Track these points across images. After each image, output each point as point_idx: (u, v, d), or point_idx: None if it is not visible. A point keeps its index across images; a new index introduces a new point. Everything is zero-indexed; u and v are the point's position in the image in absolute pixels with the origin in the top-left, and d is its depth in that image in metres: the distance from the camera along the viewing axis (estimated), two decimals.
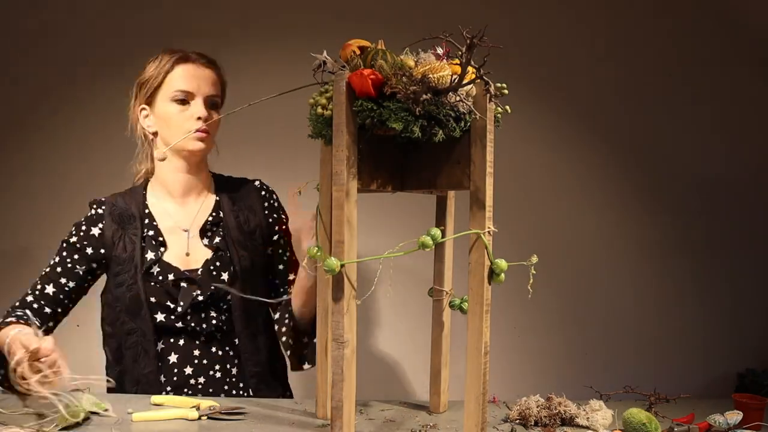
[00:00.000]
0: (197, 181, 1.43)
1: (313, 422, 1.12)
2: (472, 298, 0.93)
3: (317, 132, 0.99)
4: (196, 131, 1.33)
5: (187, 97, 1.36)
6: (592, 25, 2.37)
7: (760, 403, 1.15)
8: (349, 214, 0.89)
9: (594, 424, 1.10)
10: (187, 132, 1.33)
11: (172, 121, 1.36)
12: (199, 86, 1.36)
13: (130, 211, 1.39)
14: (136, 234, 1.37)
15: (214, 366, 1.37)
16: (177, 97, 1.35)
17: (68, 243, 1.40)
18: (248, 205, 1.46)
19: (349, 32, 1.02)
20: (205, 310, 1.36)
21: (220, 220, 1.42)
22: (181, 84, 1.36)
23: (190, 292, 1.34)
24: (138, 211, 1.40)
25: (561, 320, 2.37)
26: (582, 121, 2.39)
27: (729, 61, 2.39)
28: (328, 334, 1.14)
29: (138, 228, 1.37)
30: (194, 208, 1.43)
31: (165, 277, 1.35)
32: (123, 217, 1.39)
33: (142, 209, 1.41)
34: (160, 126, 1.39)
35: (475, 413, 0.93)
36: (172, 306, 1.34)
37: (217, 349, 1.38)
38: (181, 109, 1.36)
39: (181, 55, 1.38)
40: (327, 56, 0.95)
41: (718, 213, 2.42)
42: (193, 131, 1.33)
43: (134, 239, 1.36)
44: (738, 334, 2.40)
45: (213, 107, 1.40)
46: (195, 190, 1.44)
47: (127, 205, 1.40)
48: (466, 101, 0.89)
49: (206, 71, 1.39)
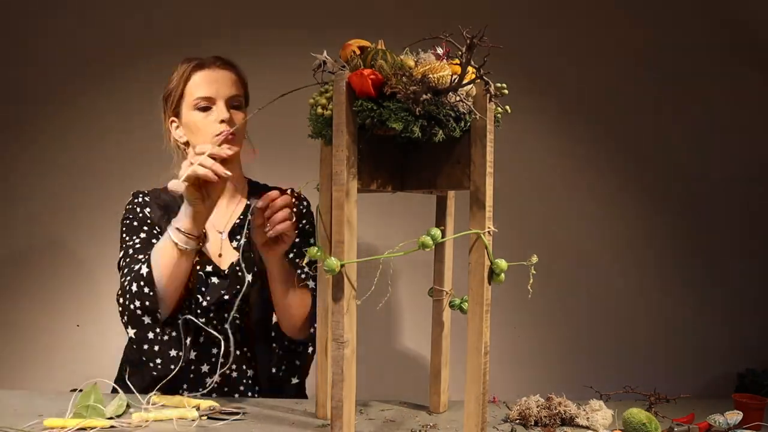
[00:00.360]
0: (230, 185, 1.44)
1: (313, 422, 1.12)
2: (472, 298, 0.93)
3: (317, 132, 0.99)
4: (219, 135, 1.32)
5: (209, 102, 1.36)
6: (593, 24, 2.37)
7: (760, 403, 1.15)
8: (349, 214, 0.89)
9: (594, 424, 1.10)
10: (213, 136, 1.33)
11: (198, 128, 1.37)
12: (218, 90, 1.36)
13: (176, 202, 1.40)
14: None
15: (230, 366, 1.37)
16: (199, 105, 1.36)
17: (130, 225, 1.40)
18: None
19: (349, 32, 1.02)
20: (228, 311, 1.36)
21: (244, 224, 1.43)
22: (200, 91, 1.36)
23: (218, 289, 1.37)
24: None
25: (561, 320, 2.37)
26: (582, 121, 2.39)
27: (730, 62, 2.39)
28: (328, 334, 1.14)
29: None
30: (228, 211, 1.45)
31: (203, 267, 1.37)
32: (168, 206, 1.41)
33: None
34: (189, 135, 1.40)
35: (475, 413, 0.93)
36: (200, 299, 1.36)
37: (235, 348, 1.37)
38: (204, 115, 1.36)
39: (197, 63, 1.38)
40: (327, 56, 0.95)
41: (719, 213, 2.42)
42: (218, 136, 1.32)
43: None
44: (738, 334, 2.40)
45: (236, 108, 1.39)
46: (228, 193, 1.45)
47: (171, 198, 1.42)
48: (466, 101, 0.90)
49: (224, 73, 1.38)
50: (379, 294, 0.97)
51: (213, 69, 1.38)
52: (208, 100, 1.36)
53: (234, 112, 1.38)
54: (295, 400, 1.30)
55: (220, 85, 1.37)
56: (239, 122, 1.37)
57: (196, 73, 1.37)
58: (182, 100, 1.38)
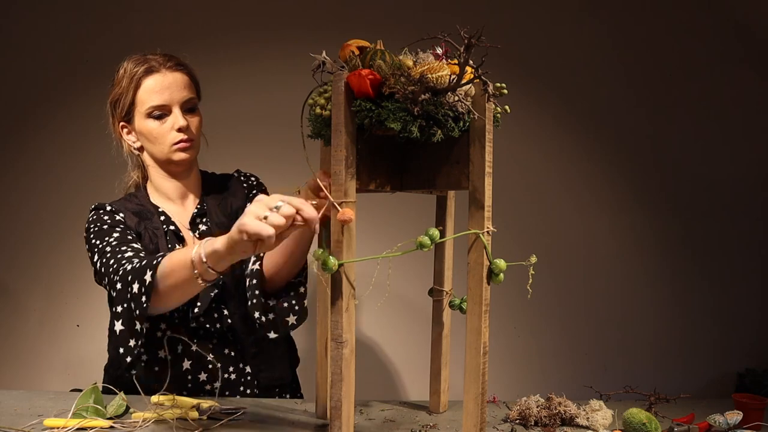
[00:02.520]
0: (190, 185, 1.43)
1: (313, 422, 1.12)
2: (471, 298, 0.93)
3: (316, 132, 0.99)
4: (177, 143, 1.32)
5: (163, 110, 1.32)
6: (594, 24, 2.37)
7: (760, 403, 1.15)
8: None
9: (594, 424, 1.10)
10: (171, 144, 1.32)
11: (154, 136, 1.34)
12: (171, 96, 1.32)
13: (146, 208, 1.38)
14: (158, 228, 1.35)
15: (228, 368, 1.35)
16: (152, 114, 1.32)
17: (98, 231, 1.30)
18: (229, 191, 1.46)
19: (349, 32, 1.02)
20: (217, 309, 1.34)
21: (204, 211, 1.42)
22: (153, 99, 1.31)
23: (207, 292, 1.31)
24: (153, 207, 1.39)
25: (561, 320, 2.37)
26: (582, 121, 2.39)
27: (731, 62, 2.39)
28: (327, 334, 1.14)
29: (159, 222, 1.36)
30: (192, 209, 1.43)
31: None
32: (141, 213, 1.37)
33: (154, 207, 1.40)
34: (143, 142, 1.37)
35: (474, 413, 0.93)
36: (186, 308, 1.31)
37: (230, 350, 1.36)
38: (159, 123, 1.33)
39: (147, 67, 1.32)
40: (326, 56, 0.94)
41: (719, 213, 2.42)
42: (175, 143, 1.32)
43: (158, 233, 1.34)
44: (738, 334, 2.40)
45: (190, 111, 1.36)
46: (190, 192, 1.44)
47: (138, 205, 1.39)
48: (464, 101, 0.89)
49: (175, 76, 1.33)
50: (378, 294, 0.97)
51: (163, 73, 1.32)
52: (162, 108, 1.32)
53: (189, 117, 1.35)
54: (295, 400, 1.30)
55: (173, 90, 1.32)
56: (195, 126, 1.35)
57: (146, 78, 1.31)
58: (134, 108, 1.34)
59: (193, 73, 1.40)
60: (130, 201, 1.41)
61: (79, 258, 2.20)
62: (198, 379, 1.33)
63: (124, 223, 1.33)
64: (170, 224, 1.37)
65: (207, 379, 1.33)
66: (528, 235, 2.31)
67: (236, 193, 1.46)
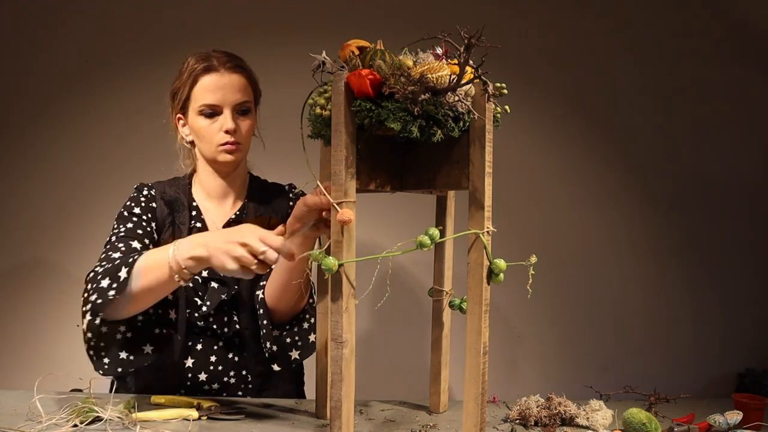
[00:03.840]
0: (234, 186, 1.43)
1: (313, 422, 1.12)
2: (471, 298, 0.93)
3: (316, 132, 0.99)
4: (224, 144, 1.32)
5: (214, 110, 1.33)
6: (594, 25, 2.37)
7: (760, 403, 1.15)
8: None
9: (594, 424, 1.10)
10: (217, 144, 1.33)
11: (203, 134, 1.35)
12: (225, 97, 1.32)
13: (181, 200, 1.38)
14: (185, 224, 1.36)
15: (229, 372, 1.35)
16: (204, 112, 1.33)
17: (131, 212, 1.33)
18: (273, 206, 1.45)
19: (349, 32, 1.02)
20: (228, 314, 1.35)
21: (240, 220, 1.40)
22: (206, 98, 1.32)
23: (218, 293, 1.32)
24: (187, 201, 1.40)
25: (561, 320, 2.37)
26: (582, 121, 2.39)
27: (731, 61, 2.39)
28: (327, 333, 1.14)
29: (186, 218, 1.37)
30: (230, 212, 1.42)
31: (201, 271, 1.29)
32: (174, 204, 1.38)
33: (190, 200, 1.41)
34: (194, 137, 1.38)
35: (474, 413, 0.93)
36: (199, 303, 1.33)
37: (234, 354, 1.36)
38: (209, 122, 1.34)
39: (205, 66, 1.33)
40: (326, 56, 0.95)
41: (719, 213, 2.42)
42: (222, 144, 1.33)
43: (182, 228, 1.35)
44: (738, 334, 2.40)
45: (243, 114, 1.36)
46: (232, 194, 1.43)
47: (176, 194, 1.40)
48: (464, 101, 0.89)
49: (232, 77, 1.33)
50: (378, 294, 0.97)
51: (221, 73, 1.33)
52: (213, 108, 1.33)
53: (241, 119, 1.35)
54: (295, 400, 1.30)
55: (227, 91, 1.33)
56: (245, 129, 1.35)
57: (203, 76, 1.32)
58: (189, 102, 1.35)
59: (253, 76, 1.40)
60: (171, 186, 1.42)
61: (80, 258, 2.21)
62: (197, 378, 1.33)
63: (150, 216, 1.34)
64: (198, 221, 1.38)
65: (206, 379, 1.34)
66: (528, 235, 2.31)
67: (278, 208, 1.45)
